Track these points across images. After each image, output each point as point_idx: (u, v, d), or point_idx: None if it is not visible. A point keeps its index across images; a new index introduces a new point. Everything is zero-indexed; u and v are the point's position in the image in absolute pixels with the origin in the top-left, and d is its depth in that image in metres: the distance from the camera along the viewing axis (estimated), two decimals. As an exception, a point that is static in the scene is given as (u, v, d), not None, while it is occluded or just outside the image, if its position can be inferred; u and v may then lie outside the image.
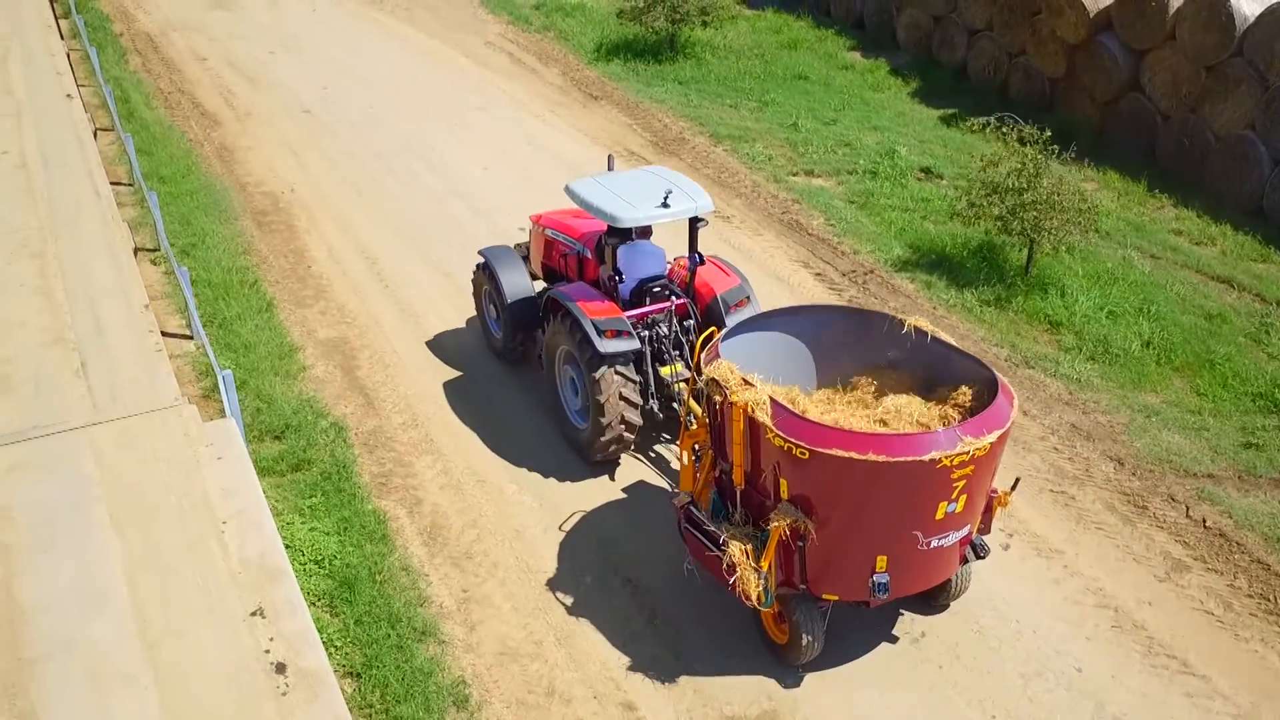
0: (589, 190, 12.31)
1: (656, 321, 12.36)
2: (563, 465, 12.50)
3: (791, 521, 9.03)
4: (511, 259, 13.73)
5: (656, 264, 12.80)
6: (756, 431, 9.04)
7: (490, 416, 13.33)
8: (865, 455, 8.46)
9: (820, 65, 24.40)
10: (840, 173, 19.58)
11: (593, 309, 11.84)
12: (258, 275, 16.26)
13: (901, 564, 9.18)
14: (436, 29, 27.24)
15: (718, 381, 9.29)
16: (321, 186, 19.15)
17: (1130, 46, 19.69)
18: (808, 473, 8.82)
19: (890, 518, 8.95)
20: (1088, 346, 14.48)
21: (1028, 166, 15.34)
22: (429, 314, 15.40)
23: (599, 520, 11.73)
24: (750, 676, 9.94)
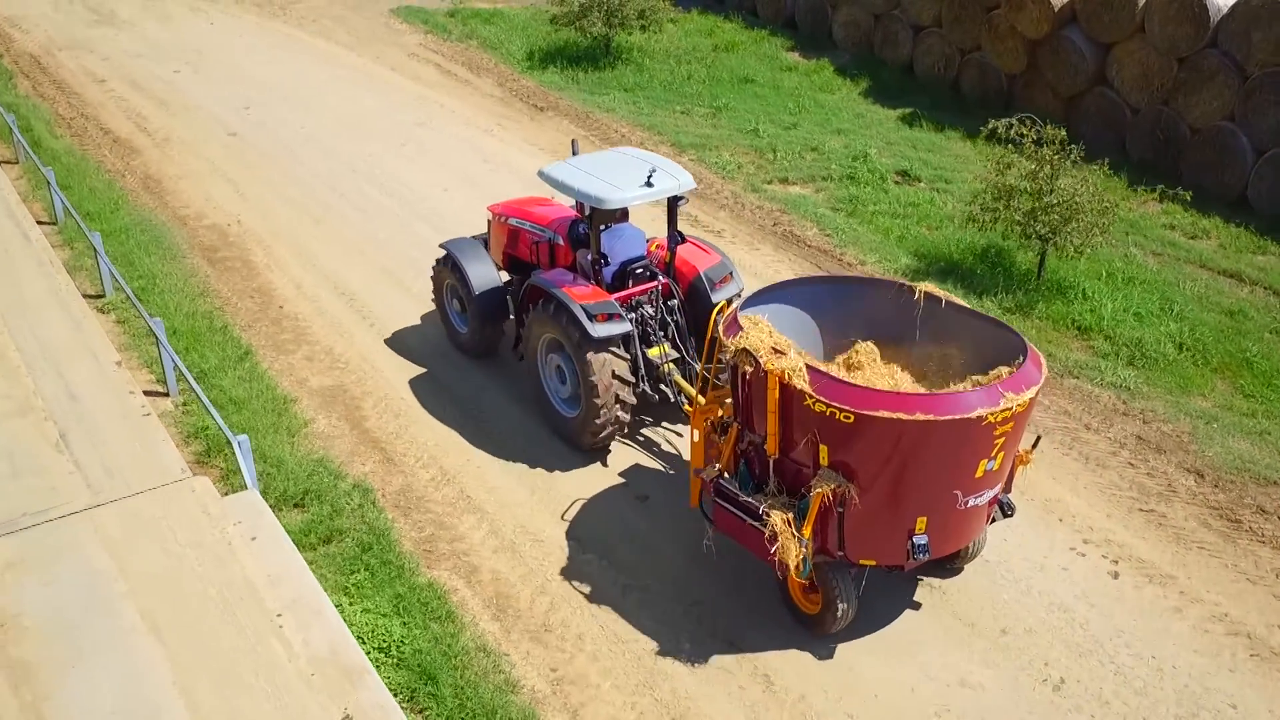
0: (567, 174, 12.01)
1: (641, 303, 12.21)
2: (621, 515, 11.44)
3: (834, 487, 8.87)
4: (476, 251, 13.44)
5: (637, 246, 12.57)
6: (792, 399, 8.83)
7: (529, 465, 12.18)
8: (914, 415, 8.41)
9: (763, 67, 23.70)
10: (816, 179, 18.89)
11: (579, 294, 11.60)
12: (225, 320, 14.74)
13: (941, 524, 9.16)
14: (351, 41, 25.68)
15: (749, 351, 9.08)
16: (271, 217, 17.62)
17: (1096, 40, 19.45)
18: (851, 437, 8.68)
19: (934, 478, 8.88)
20: (1123, 351, 14.04)
21: (1044, 169, 14.83)
22: (427, 352, 14.14)
23: (685, 580, 10.71)
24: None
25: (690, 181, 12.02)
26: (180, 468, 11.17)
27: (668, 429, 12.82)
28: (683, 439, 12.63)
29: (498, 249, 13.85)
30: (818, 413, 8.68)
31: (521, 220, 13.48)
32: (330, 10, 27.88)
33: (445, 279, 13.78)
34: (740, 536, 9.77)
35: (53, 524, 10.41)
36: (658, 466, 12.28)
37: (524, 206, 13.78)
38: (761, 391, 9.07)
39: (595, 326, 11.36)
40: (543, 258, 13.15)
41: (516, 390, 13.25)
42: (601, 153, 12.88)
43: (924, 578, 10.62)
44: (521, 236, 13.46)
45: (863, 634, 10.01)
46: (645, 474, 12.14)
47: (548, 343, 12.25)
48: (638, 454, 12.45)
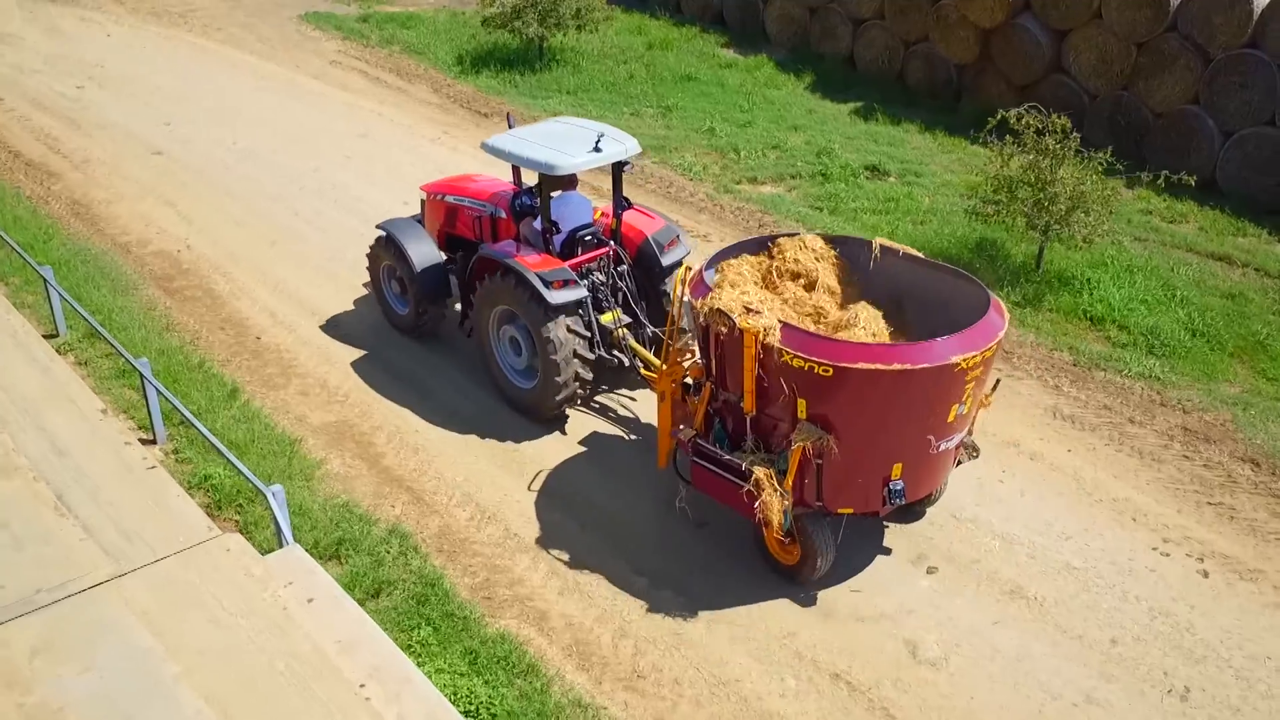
0: (514, 144, 12.01)
1: (591, 270, 12.30)
2: (684, 545, 10.74)
3: (814, 440, 9.08)
4: (415, 230, 13.42)
5: (585, 213, 12.66)
6: (769, 356, 9.02)
7: (573, 494, 11.38)
8: (891, 365, 8.68)
9: (702, 65, 23.15)
10: (785, 178, 18.42)
11: (533, 263, 11.61)
12: (201, 356, 13.54)
13: (915, 469, 9.44)
14: (265, 50, 24.27)
15: (722, 311, 9.20)
16: (222, 240, 16.36)
17: (1051, 27, 19.40)
18: (830, 390, 8.91)
19: (909, 425, 9.13)
20: (1140, 341, 13.87)
21: (1045, 159, 14.57)
22: (428, 378, 13.21)
23: (776, 611, 10.06)
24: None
25: (636, 146, 12.11)
26: (206, 525, 10.05)
27: (622, 395, 12.90)
28: (638, 403, 12.81)
29: (434, 229, 13.75)
30: (796, 368, 8.90)
31: (459, 197, 13.42)
32: (233, 17, 26.36)
33: (383, 260, 13.63)
34: (720, 494, 9.99)
35: (77, 599, 9.23)
36: (618, 433, 12.40)
37: (459, 183, 13.78)
38: (737, 350, 9.21)
39: (553, 293, 11.36)
40: (485, 232, 13.10)
41: (529, 416, 12.42)
42: (541, 123, 12.89)
43: (889, 524, 10.88)
44: (460, 213, 13.41)
45: (976, 656, 9.52)
46: (604, 441, 12.23)
47: (500, 315, 12.23)
48: (597, 421, 12.53)
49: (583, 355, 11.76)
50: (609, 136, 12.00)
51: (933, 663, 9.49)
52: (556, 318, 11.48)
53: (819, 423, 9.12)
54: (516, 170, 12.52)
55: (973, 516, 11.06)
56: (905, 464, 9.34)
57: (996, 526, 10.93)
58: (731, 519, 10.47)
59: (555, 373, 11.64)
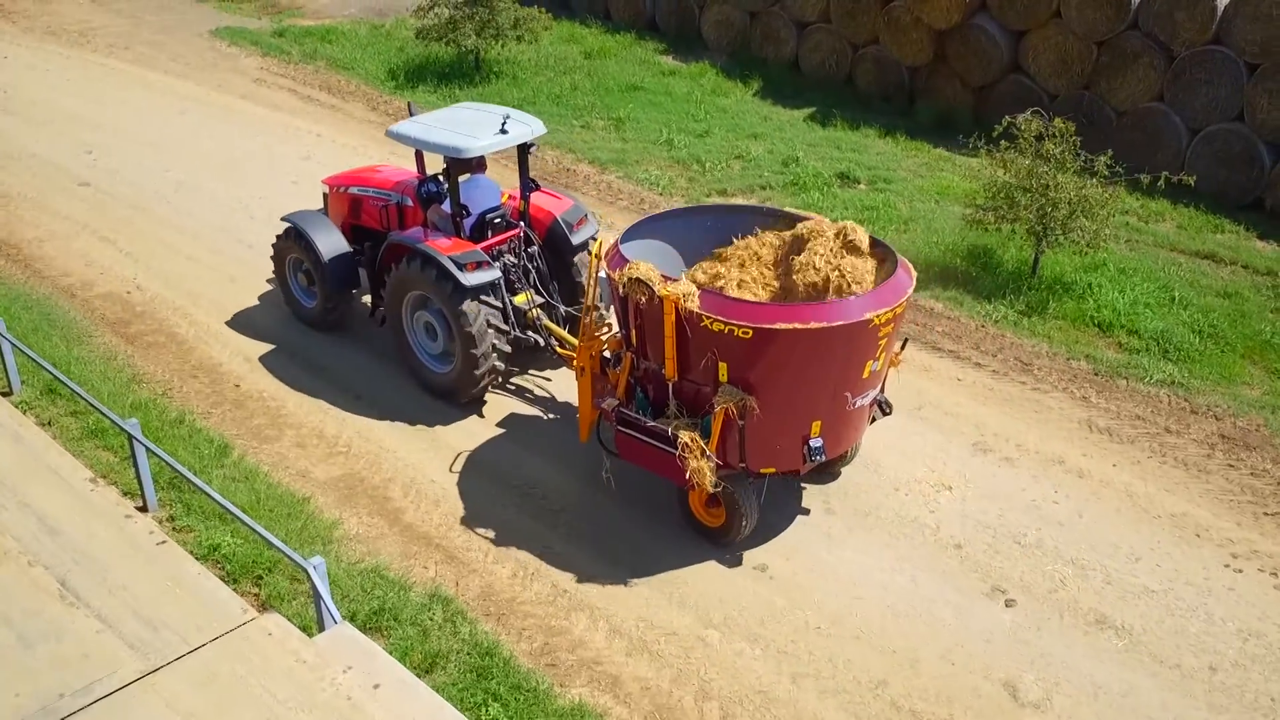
0: (419, 130, 12.12)
1: (502, 252, 12.40)
2: (740, 588, 10.09)
3: (736, 402, 9.35)
4: (321, 221, 13.40)
5: (494, 196, 12.73)
6: (689, 322, 9.25)
7: (613, 539, 10.64)
8: (808, 324, 8.97)
9: (645, 74, 22.49)
10: (755, 189, 17.89)
11: (444, 247, 11.70)
12: (179, 409, 12.44)
13: (833, 426, 9.76)
14: (180, 69, 22.82)
15: (641, 281, 9.39)
16: (174, 278, 15.17)
17: (1009, 27, 19.24)
18: (750, 352, 9.18)
19: (827, 382, 9.43)
20: (1152, 346, 13.68)
21: (1041, 165, 14.31)
22: (435, 419, 12.34)
23: (867, 664, 9.47)
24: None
25: (541, 127, 12.28)
26: (240, 606, 9.09)
27: (536, 375, 13.10)
28: (553, 383, 13.00)
29: (338, 221, 13.67)
30: (715, 332, 9.14)
31: (364, 187, 13.48)
32: (139, 35, 24.80)
33: (289, 253, 13.55)
34: (646, 462, 10.19)
35: (109, 702, 8.22)
36: (536, 413, 12.55)
37: (362, 174, 13.86)
38: (657, 318, 9.43)
39: (466, 275, 11.46)
40: (392, 221, 13.07)
41: (569, 455, 11.65)
42: (445, 109, 12.98)
43: (806, 485, 11.21)
44: (365, 204, 13.40)
45: (1079, 694, 9.08)
46: (524, 422, 12.37)
47: (413, 301, 12.28)
48: (514, 403, 12.67)
49: (499, 335, 11.88)
50: (514, 119, 12.09)
51: (1036, 704, 9.03)
52: (471, 300, 11.58)
53: (740, 385, 9.41)
54: (420, 157, 12.64)
55: (1036, 542, 10.65)
56: (824, 421, 9.65)
57: (1064, 551, 10.53)
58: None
59: (473, 355, 11.74)
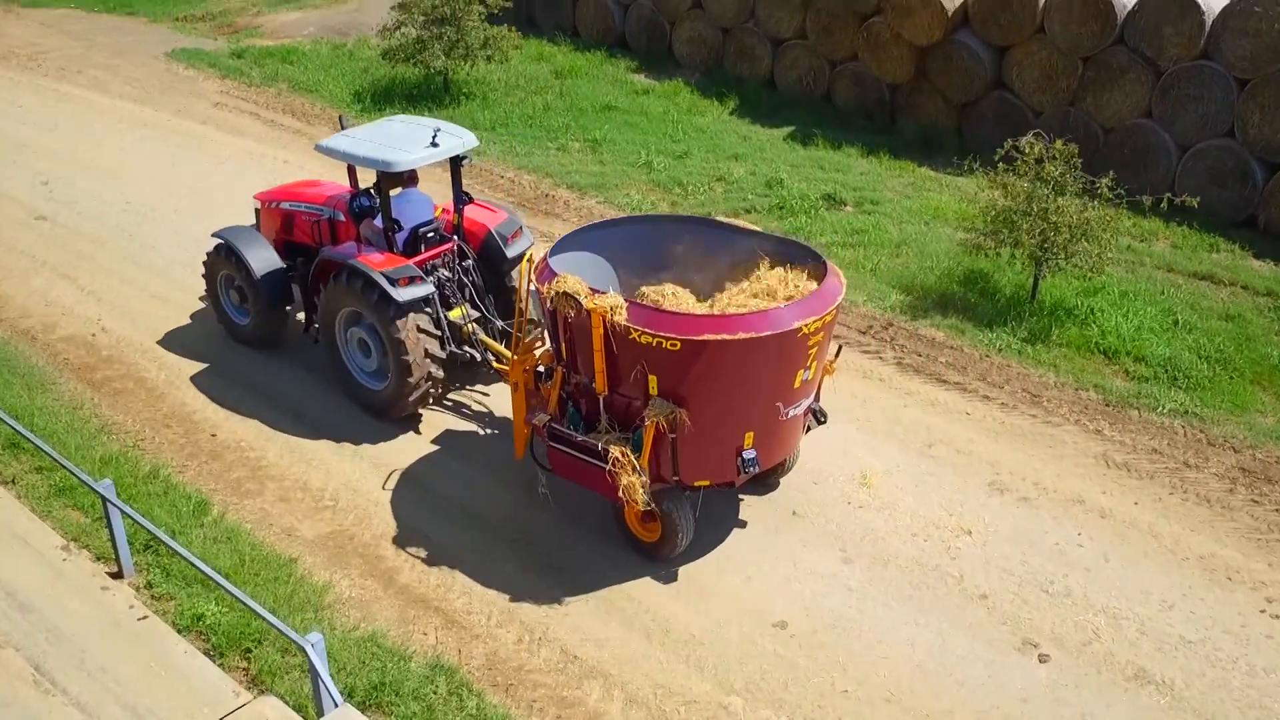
0: (349, 145, 11.96)
1: (436, 267, 12.29)
2: (761, 651, 9.55)
3: (666, 415, 9.27)
4: (253, 236, 13.27)
5: (426, 210, 12.61)
6: (618, 335, 9.17)
7: (625, 599, 10.07)
8: (736, 334, 8.91)
9: (618, 93, 21.95)
10: (740, 212, 17.37)
11: (376, 262, 11.57)
12: (152, 462, 11.74)
13: (766, 437, 9.70)
14: (137, 93, 22.00)
15: (569, 294, 9.32)
16: (141, 318, 14.45)
17: (991, 43, 18.90)
18: (679, 364, 9.10)
19: (757, 393, 9.37)
20: (1160, 374, 13.32)
21: (1042, 188, 13.93)
22: (429, 468, 11.72)
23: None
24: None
25: (473, 140, 12.20)
26: (232, 689, 8.46)
27: (473, 391, 12.92)
28: (490, 398, 12.82)
29: (271, 237, 13.51)
30: (644, 344, 9.08)
31: (295, 203, 13.34)
32: (92, 58, 23.94)
33: (220, 270, 13.35)
34: (580, 477, 10.09)
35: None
36: (473, 428, 12.37)
37: (294, 190, 13.74)
38: (586, 332, 9.35)
39: (399, 291, 11.33)
40: (324, 236, 12.92)
41: (575, 509, 11.06)
42: (375, 123, 12.84)
43: (744, 497, 11.10)
44: (297, 219, 13.26)
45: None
46: (460, 438, 12.16)
47: (347, 317, 12.14)
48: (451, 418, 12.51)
49: (433, 352, 11.71)
50: (445, 131, 12.01)
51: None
52: (405, 315, 11.46)
53: (670, 397, 9.31)
54: (353, 171, 12.33)
55: (1065, 590, 10.19)
56: (756, 432, 9.57)
57: (1094, 600, 10.08)
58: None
59: (407, 371, 11.58)
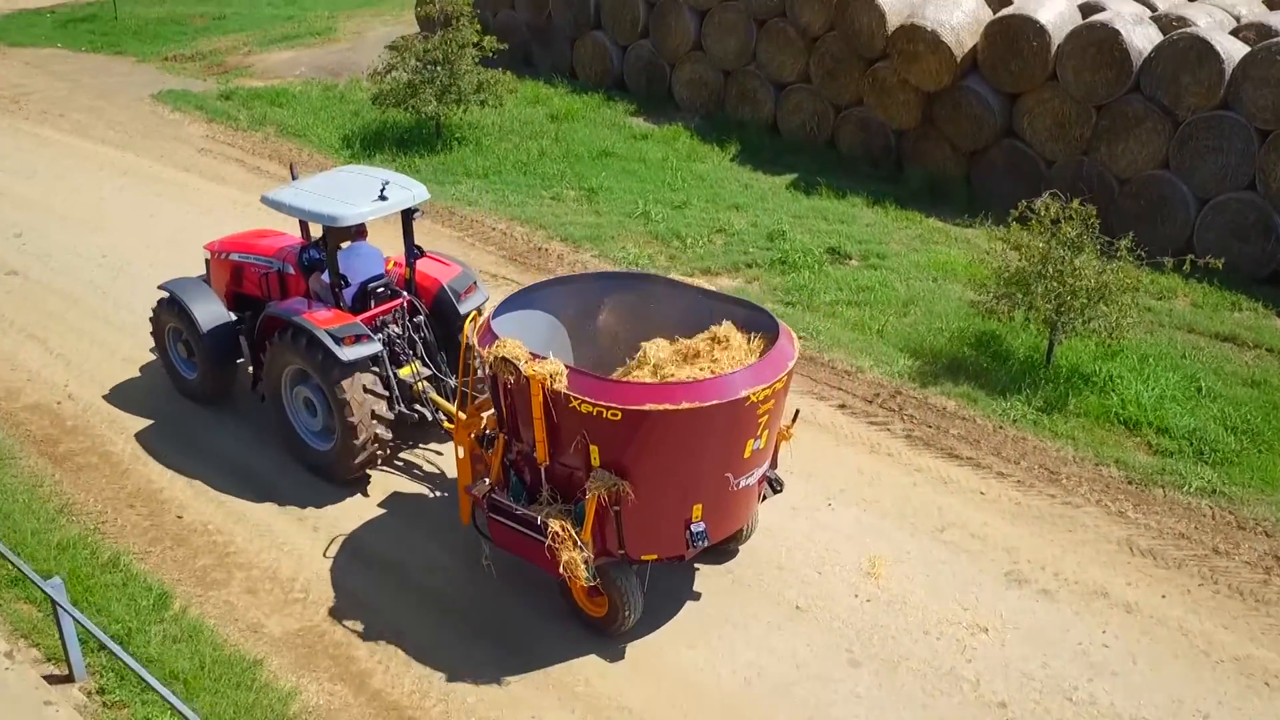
0: (295, 197, 11.62)
1: (386, 323, 11.96)
2: None
3: (608, 488, 8.89)
4: (200, 289, 12.94)
5: (376, 264, 12.26)
6: (557, 403, 8.82)
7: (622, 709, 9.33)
8: (680, 405, 8.53)
9: (616, 138, 21.30)
10: (740, 267, 16.72)
11: (322, 319, 11.24)
12: (113, 549, 11.01)
13: (716, 509, 9.31)
14: (120, 138, 21.37)
15: (507, 360, 8.99)
16: (113, 384, 13.76)
17: (1001, 90, 18.25)
18: (621, 434, 8.74)
19: (705, 464, 9.00)
20: (1185, 447, 12.57)
21: (1061, 248, 13.24)
22: (412, 558, 10.96)
23: None
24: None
25: (424, 192, 11.79)
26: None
27: (426, 450, 12.46)
28: (444, 458, 12.37)
29: (220, 288, 13.20)
30: (584, 414, 8.72)
31: (245, 254, 13.00)
32: (75, 100, 23.33)
33: (167, 323, 13.05)
34: (521, 550, 9.71)
35: None
36: (423, 490, 11.93)
37: (245, 240, 13.38)
38: (525, 399, 9.01)
39: (344, 350, 10.98)
40: (273, 289, 12.67)
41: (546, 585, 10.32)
42: (326, 173, 12.56)
43: (701, 566, 10.63)
44: (247, 271, 12.95)
45: None
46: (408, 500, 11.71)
47: (292, 375, 11.81)
48: (399, 480, 12.04)
49: (380, 413, 11.34)
50: (395, 184, 11.65)
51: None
52: (350, 375, 11.09)
53: (613, 469, 8.92)
54: (304, 223, 12.15)
55: (1090, 698, 9.42)
56: (705, 505, 9.20)
57: (1122, 709, 9.30)
58: None
59: (353, 432, 11.21)
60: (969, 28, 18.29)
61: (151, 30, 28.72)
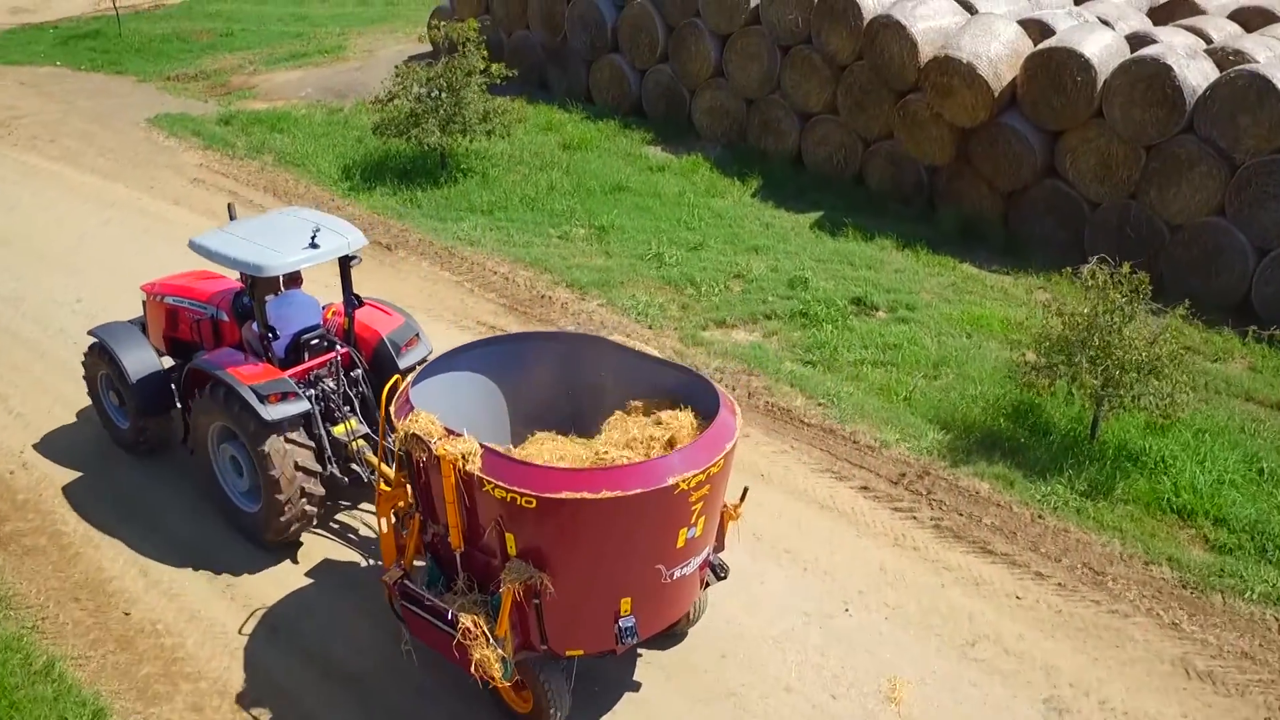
0: (222, 243, 10.82)
1: (320, 377, 11.22)
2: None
3: (525, 580, 8.12)
4: (131, 335, 12.26)
5: (311, 314, 11.49)
6: (471, 486, 8.12)
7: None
8: (600, 493, 7.77)
9: (631, 170, 20.12)
10: (759, 318, 15.51)
11: (247, 374, 10.56)
12: (49, 652, 9.95)
13: (647, 602, 8.55)
14: (110, 166, 20.36)
15: (418, 437, 8.29)
16: (70, 450, 12.72)
17: (1043, 127, 16.96)
18: (537, 522, 8.02)
19: (631, 556, 8.28)
20: (1246, 543, 11.28)
21: (1109, 315, 12.00)
22: (372, 671, 9.81)
23: None
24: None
25: (360, 239, 10.95)
26: None
27: (365, 511, 11.55)
28: None
29: (157, 332, 12.50)
30: (498, 499, 7.98)
31: (180, 298, 12.23)
32: (68, 124, 22.36)
33: (99, 370, 12.39)
34: (434, 643, 8.85)
35: None
36: (355, 558, 11.06)
37: (183, 282, 12.52)
38: (439, 479, 8.27)
39: (268, 409, 10.31)
40: (206, 337, 11.95)
41: None
42: (264, 215, 11.91)
43: (643, 651, 9.80)
44: (180, 315, 12.20)
45: None
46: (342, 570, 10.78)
47: (219, 431, 11.13)
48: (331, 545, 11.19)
49: (309, 474, 10.62)
50: (329, 229, 10.87)
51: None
52: (276, 436, 10.39)
53: (531, 559, 8.15)
54: None
55: None
56: (635, 598, 8.43)
57: None
58: None
59: (277, 494, 10.50)
60: (1007, 60, 17.01)
61: (155, 47, 27.76)
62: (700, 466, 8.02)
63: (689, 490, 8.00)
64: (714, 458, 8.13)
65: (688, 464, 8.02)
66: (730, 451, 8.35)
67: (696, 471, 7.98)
